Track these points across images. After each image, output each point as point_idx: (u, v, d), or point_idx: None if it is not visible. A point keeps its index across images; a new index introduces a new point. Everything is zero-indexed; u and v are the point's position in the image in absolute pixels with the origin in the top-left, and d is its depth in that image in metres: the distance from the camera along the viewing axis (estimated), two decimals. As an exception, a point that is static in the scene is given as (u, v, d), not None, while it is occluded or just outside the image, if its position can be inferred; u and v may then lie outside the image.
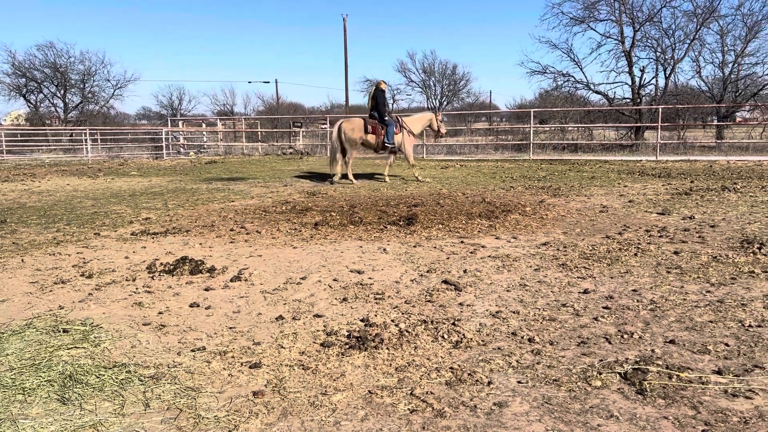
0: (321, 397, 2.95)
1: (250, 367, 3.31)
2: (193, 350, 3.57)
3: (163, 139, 24.48)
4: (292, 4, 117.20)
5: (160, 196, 10.99)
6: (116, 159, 23.53)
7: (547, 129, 28.58)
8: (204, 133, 30.23)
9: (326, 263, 5.65)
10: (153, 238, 7.03)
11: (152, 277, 5.23)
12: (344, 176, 13.43)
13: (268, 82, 79.17)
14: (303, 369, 3.29)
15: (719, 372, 3.15)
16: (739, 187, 10.66)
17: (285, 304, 4.46)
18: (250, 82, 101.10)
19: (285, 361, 3.40)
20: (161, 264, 5.60)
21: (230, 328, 3.97)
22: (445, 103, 57.08)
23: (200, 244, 6.67)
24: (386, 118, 13.20)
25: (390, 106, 13.31)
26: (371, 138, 13.24)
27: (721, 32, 28.39)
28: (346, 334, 3.79)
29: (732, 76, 28.52)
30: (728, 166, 15.24)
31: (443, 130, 14.11)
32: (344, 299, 4.53)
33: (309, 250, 6.21)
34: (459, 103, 58.17)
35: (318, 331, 3.87)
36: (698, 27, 27.75)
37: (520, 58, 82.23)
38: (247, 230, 7.38)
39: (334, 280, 5.07)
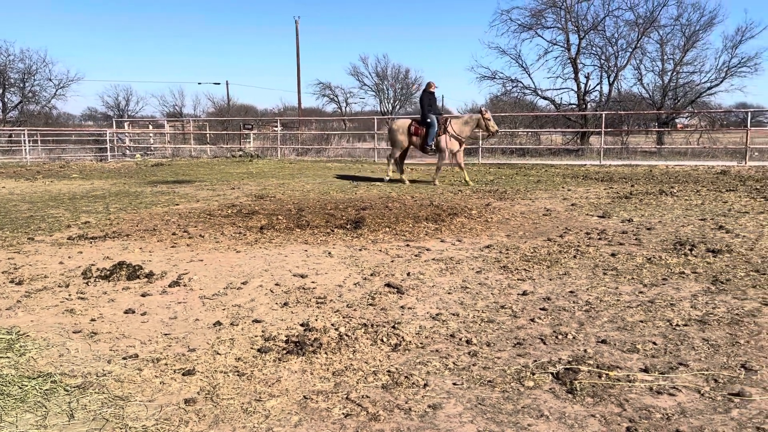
0: (255, 404, 2.91)
1: (183, 375, 3.24)
2: (124, 358, 3.48)
3: (108, 141, 23.80)
4: (243, 5, 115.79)
5: (101, 200, 10.67)
6: (57, 161, 22.74)
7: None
8: (151, 134, 29.54)
9: (269, 267, 5.59)
10: (91, 242, 6.81)
11: (87, 283, 5.07)
12: (401, 173, 13.77)
13: (219, 84, 78.29)
14: (238, 375, 3.24)
15: (646, 370, 3.25)
16: (675, 191, 11.06)
17: (224, 309, 4.39)
18: (200, 83, 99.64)
19: (220, 367, 3.34)
20: (97, 269, 5.43)
21: (165, 334, 3.88)
22: (398, 107, 57.40)
23: (140, 248, 6.50)
24: (428, 120, 13.01)
25: (436, 107, 13.35)
26: (415, 139, 13.28)
27: (661, 41, 29.50)
28: (285, 339, 3.75)
29: (671, 84, 29.63)
30: (667, 171, 15.80)
31: (493, 128, 13.18)
32: (285, 304, 4.49)
33: (252, 255, 6.13)
34: (412, 107, 58.58)
35: (256, 336, 3.82)
36: (639, 36, 28.75)
37: (471, 63, 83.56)
38: (190, 234, 7.24)
39: (276, 284, 5.02)
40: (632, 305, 4.36)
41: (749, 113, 20.08)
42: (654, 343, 3.64)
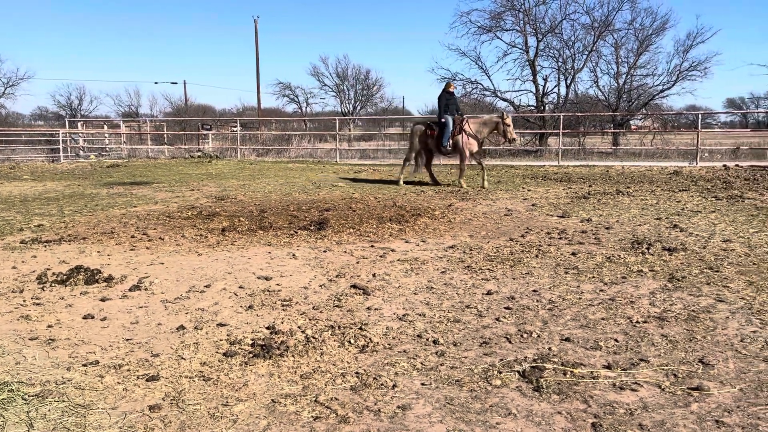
0: (222, 408, 2.86)
1: (147, 380, 3.16)
2: (84, 365, 3.38)
3: (61, 141, 23.10)
4: (201, 4, 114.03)
5: (55, 202, 10.35)
6: (6, 162, 21.97)
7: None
8: (106, 135, 28.81)
9: (232, 270, 5.51)
10: (45, 246, 6.60)
11: (42, 288, 4.91)
12: (434, 179, 13.37)
13: (176, 83, 76.71)
14: (204, 380, 3.18)
15: (609, 367, 3.33)
16: (631, 191, 11.35)
17: (187, 313, 4.31)
18: (156, 83, 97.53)
19: (185, 372, 3.28)
20: (53, 274, 5.27)
21: (127, 339, 3.79)
22: (358, 107, 57.38)
23: (98, 252, 6.33)
24: (443, 120, 12.68)
25: (454, 107, 12.84)
26: (431, 141, 12.95)
27: (615, 45, 30.26)
28: (251, 342, 3.70)
29: (626, 87, 30.42)
30: (623, 171, 16.20)
31: (510, 135, 12.47)
32: (250, 307, 4.44)
33: (215, 257, 6.04)
34: (373, 108, 58.68)
35: (221, 340, 3.77)
36: (595, 39, 29.43)
37: (431, 65, 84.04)
38: (150, 237, 7.08)
39: (240, 287, 4.95)
40: (594, 303, 4.46)
41: (699, 115, 20.77)
42: (616, 340, 3.72)
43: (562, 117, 21.33)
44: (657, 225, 7.66)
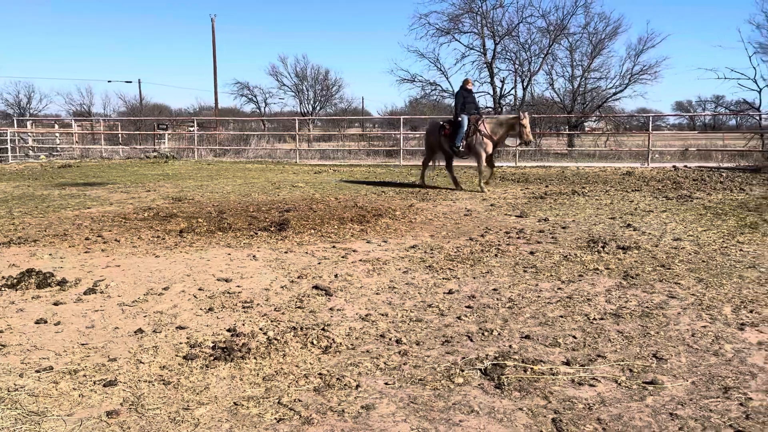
0: (183, 413, 2.82)
1: (104, 386, 3.09)
2: (38, 371, 3.27)
3: (9, 141, 22.30)
4: (156, 2, 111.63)
5: (3, 203, 9.99)
6: (-49, 162, 21.09)
7: (417, 135, 29.46)
8: (57, 134, 27.95)
9: (191, 272, 5.42)
10: (-6, 249, 6.36)
11: (-9, 293, 4.73)
12: (455, 182, 12.62)
13: (131, 82, 74.77)
14: (163, 384, 3.12)
15: (567, 363, 3.40)
16: (586, 191, 11.62)
17: (145, 316, 4.22)
18: (110, 81, 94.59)
19: (144, 376, 3.21)
20: (2, 278, 5.09)
21: (82, 344, 3.69)
22: (318, 108, 57.12)
23: (50, 254, 6.14)
24: (458, 119, 12.02)
25: (471, 105, 12.21)
26: (444, 141, 12.32)
27: (570, 48, 30.94)
28: (212, 345, 3.65)
29: (580, 89, 31.12)
30: (578, 172, 16.57)
31: (527, 137, 11.66)
32: (210, 309, 4.37)
33: (173, 259, 5.93)
34: (332, 108, 58.49)
35: (181, 343, 3.70)
36: (551, 43, 30.03)
37: (390, 66, 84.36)
38: (105, 239, 6.90)
39: (200, 289, 4.88)
40: (552, 301, 4.55)
41: (650, 118, 21.40)
42: (574, 337, 3.81)
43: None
44: (611, 224, 7.86)
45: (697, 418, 2.76)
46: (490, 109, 31.36)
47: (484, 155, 11.99)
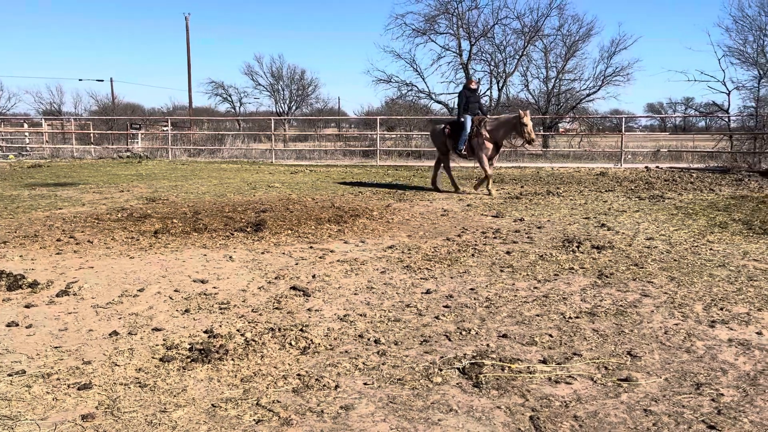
0: (160, 415, 2.79)
1: (78, 389, 3.04)
2: (10, 374, 3.21)
3: (-24, 140, 21.80)
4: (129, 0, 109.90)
5: (-29, 204, 9.75)
6: None
7: (393, 136, 29.52)
8: (26, 134, 27.39)
9: (167, 273, 5.36)
10: (-38, 251, 6.22)
11: (-40, 296, 4.62)
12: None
13: (103, 81, 73.27)
14: (140, 387, 3.08)
15: (544, 361, 3.44)
16: (561, 191, 11.76)
17: (120, 318, 4.16)
18: (81, 80, 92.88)
19: (119, 379, 3.17)
20: (-29, 280, 4.97)
21: (56, 347, 3.62)
22: (294, 108, 56.89)
23: (20, 256, 6.02)
24: (461, 120, 11.55)
25: (475, 106, 11.71)
26: (449, 142, 11.79)
27: (545, 50, 31.28)
28: (188, 347, 3.62)
29: (555, 90, 31.47)
30: (553, 173, 16.75)
31: (528, 135, 10.87)
32: (186, 311, 4.33)
33: (148, 260, 5.85)
34: (308, 108, 58.31)
35: (157, 345, 3.66)
36: (526, 44, 30.33)
37: (367, 66, 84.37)
38: (77, 240, 6.79)
39: (176, 290, 4.83)
40: (528, 300, 4.60)
41: (623, 119, 21.74)
42: (550, 336, 3.85)
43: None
44: (586, 224, 7.97)
45: (671, 414, 2.81)
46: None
47: (486, 158, 11.41)
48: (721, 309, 4.34)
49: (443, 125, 12.11)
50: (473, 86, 12.00)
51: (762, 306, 4.40)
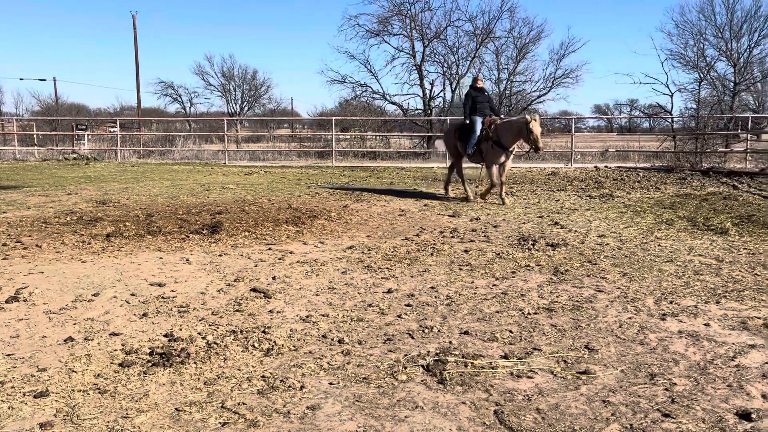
0: (122, 421, 2.73)
1: (35, 397, 2.94)
2: (-41, 385, 3.08)
3: None
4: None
5: None
6: None
7: (348, 137, 29.50)
8: (-36, 134, 26.22)
9: (122, 277, 5.23)
10: None
11: None
12: (446, 189, 11.39)
13: (45, 80, 70.65)
14: (99, 393, 3.01)
15: (506, 357, 3.52)
16: (515, 190, 11.99)
17: (75, 324, 4.04)
18: (22, 79, 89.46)
19: (77, 386, 3.08)
20: None
21: (8, 355, 3.50)
22: (246, 108, 56.16)
23: (-36, 262, 5.77)
24: (467, 121, 10.67)
25: (484, 106, 10.67)
26: (460, 145, 10.91)
27: (496, 52, 31.75)
28: (149, 351, 3.55)
29: (506, 92, 32.00)
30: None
31: (534, 141, 9.78)
32: (144, 315, 4.24)
33: (101, 264, 5.70)
34: (261, 109, 57.64)
35: (115, 350, 3.57)
36: (478, 46, 30.73)
37: (321, 67, 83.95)
38: (25, 244, 6.55)
39: (132, 294, 4.72)
40: (488, 297, 4.68)
41: (572, 120, 22.30)
42: (510, 331, 3.94)
43: (448, 120, 22.12)
44: (540, 222, 8.15)
45: (628, 404, 2.92)
46: (420, 111, 31.76)
47: (495, 164, 10.37)
48: (671, 302, 4.52)
49: (453, 127, 11.44)
50: (479, 85, 10.95)
51: (708, 299, 4.60)
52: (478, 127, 10.53)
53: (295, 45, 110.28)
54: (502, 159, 10.38)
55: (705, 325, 4.03)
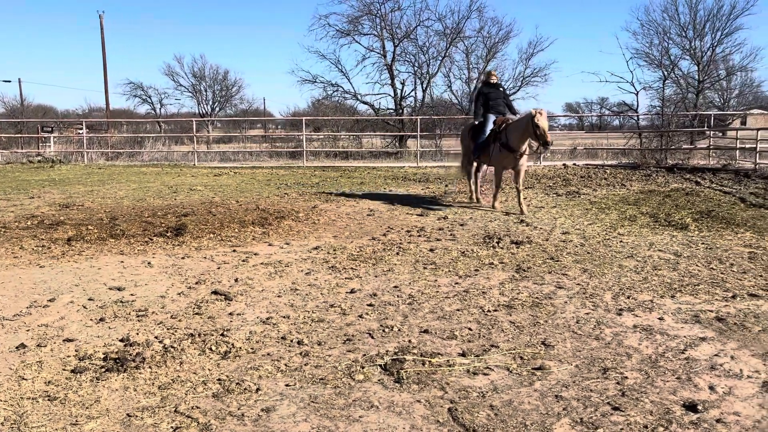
0: (71, 428, 2.68)
1: (-19, 407, 2.88)
2: None
3: None
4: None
5: None
6: None
7: (320, 137, 29.41)
8: (-76, 137, 25.51)
9: (80, 282, 5.14)
10: None
11: None
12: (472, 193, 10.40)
13: (10, 81, 69.06)
14: (49, 400, 2.96)
15: (463, 354, 3.54)
16: (483, 189, 12.06)
17: (28, 330, 3.96)
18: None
19: (27, 393, 3.02)
20: None
21: (-44, 364, 3.41)
22: (217, 109, 55.66)
23: None
24: (477, 120, 9.79)
25: (499, 103, 9.54)
26: (473, 146, 9.99)
27: (466, 51, 31.97)
28: (103, 356, 3.49)
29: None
30: (476, 171, 17.14)
31: (542, 136, 8.51)
32: (101, 319, 4.17)
33: (60, 269, 5.60)
34: (232, 109, 57.19)
35: (68, 356, 3.51)
36: (448, 46, 30.91)
37: (291, 67, 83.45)
38: (-18, 250, 6.39)
39: (90, 299, 4.64)
40: (450, 296, 4.71)
41: (542, 119, 22.44)
42: (470, 329, 3.97)
43: (419, 120, 22.19)
44: (506, 221, 8.22)
45: (579, 399, 2.96)
46: (391, 111, 31.80)
47: (501, 168, 9.40)
48: (628, 297, 4.60)
49: (468, 126, 10.52)
50: (493, 80, 9.90)
51: (664, 293, 4.69)
52: (489, 126, 9.55)
53: (267, 44, 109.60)
54: (510, 163, 9.15)
55: (659, 319, 4.11)
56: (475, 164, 10.41)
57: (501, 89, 9.95)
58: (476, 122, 9.88)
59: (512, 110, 9.97)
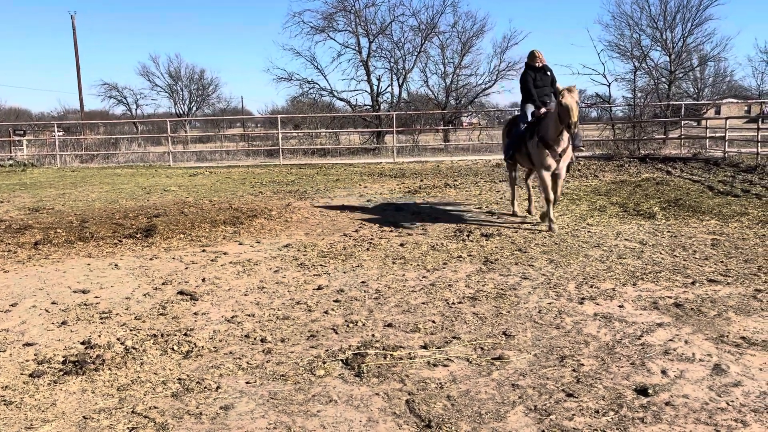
0: (25, 433, 2.66)
1: (-66, 414, 2.85)
2: None
3: None
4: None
5: None
6: None
7: (298, 134, 29.30)
8: None
9: (44, 286, 5.09)
10: None
11: None
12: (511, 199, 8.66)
13: (-19, 84, 67.50)
14: (5, 404, 2.93)
15: (425, 347, 3.57)
16: (458, 183, 12.13)
17: (-12, 336, 3.92)
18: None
19: (-18, 400, 2.99)
20: None
21: None
22: (194, 108, 55.15)
23: None
24: (519, 111, 8.17)
25: (544, 90, 7.48)
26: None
27: (441, 46, 31.95)
28: (62, 360, 3.47)
29: (453, 86, 32.30)
30: (452, 166, 17.23)
31: (567, 117, 6.71)
32: (63, 323, 4.14)
33: (24, 273, 5.53)
34: (210, 108, 56.69)
35: (27, 360, 3.48)
36: (423, 41, 30.86)
37: (267, 65, 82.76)
38: (-54, 256, 6.29)
39: (53, 303, 4.60)
40: (416, 289, 4.74)
41: (516, 112, 22.60)
42: (433, 322, 4.00)
43: (395, 116, 22.20)
44: (478, 213, 8.27)
45: (535, 387, 3.00)
46: (368, 107, 31.77)
47: (546, 171, 7.20)
48: (591, 287, 4.66)
49: (508, 121, 8.98)
50: (538, 64, 7.87)
51: (626, 281, 4.76)
52: (527, 117, 7.75)
53: (243, 42, 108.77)
54: (552, 163, 7.18)
55: (619, 306, 4.18)
56: (518, 168, 8.63)
57: (549, 73, 7.93)
58: (516, 113, 7.98)
59: (546, 99, 7.79)
